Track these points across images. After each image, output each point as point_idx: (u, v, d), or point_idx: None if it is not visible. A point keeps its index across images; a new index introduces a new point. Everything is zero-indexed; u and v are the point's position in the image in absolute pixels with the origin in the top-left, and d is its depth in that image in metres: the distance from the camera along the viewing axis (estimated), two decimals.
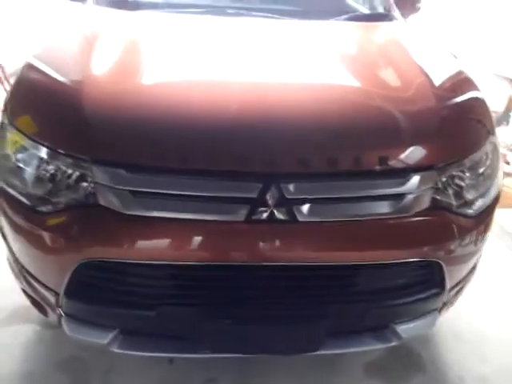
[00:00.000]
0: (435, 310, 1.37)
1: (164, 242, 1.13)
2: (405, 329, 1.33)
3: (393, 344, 1.36)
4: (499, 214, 2.63)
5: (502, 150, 3.22)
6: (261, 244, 1.14)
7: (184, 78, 1.40)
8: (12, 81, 3.63)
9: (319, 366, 1.66)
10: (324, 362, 1.68)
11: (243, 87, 1.35)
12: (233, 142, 1.16)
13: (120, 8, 1.87)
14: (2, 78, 3.83)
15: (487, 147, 1.35)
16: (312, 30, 1.87)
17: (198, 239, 1.13)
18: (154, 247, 1.14)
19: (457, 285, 1.39)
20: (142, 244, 1.13)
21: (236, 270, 1.17)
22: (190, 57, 1.53)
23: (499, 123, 4.24)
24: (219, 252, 1.14)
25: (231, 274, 1.18)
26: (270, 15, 1.87)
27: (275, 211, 1.13)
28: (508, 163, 3.14)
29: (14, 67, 4.48)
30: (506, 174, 2.97)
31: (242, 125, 1.18)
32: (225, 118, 1.20)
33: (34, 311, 1.73)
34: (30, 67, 1.39)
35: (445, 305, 1.41)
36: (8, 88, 3.84)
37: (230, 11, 1.88)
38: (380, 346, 1.38)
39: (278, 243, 1.15)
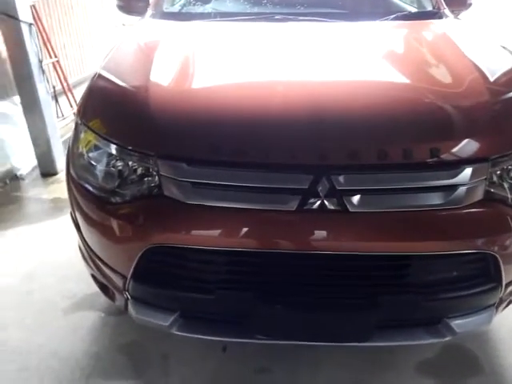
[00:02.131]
0: (492, 305, 1.34)
1: (221, 230, 1.21)
2: (459, 324, 1.31)
3: (446, 339, 1.34)
4: None
5: None
6: (311, 233, 1.19)
7: (236, 79, 1.49)
8: (75, 92, 3.92)
9: (371, 361, 1.67)
10: (376, 358, 1.68)
11: (294, 85, 1.42)
12: (285, 137, 1.23)
13: (175, 19, 2.01)
14: (66, 90, 4.17)
15: None
16: (361, 30, 1.91)
17: (251, 227, 1.19)
18: (211, 234, 1.22)
19: None
20: (200, 231, 1.22)
21: (288, 257, 1.22)
22: (242, 60, 1.62)
23: None
24: (271, 240, 1.20)
25: (283, 261, 1.23)
26: (317, 19, 1.93)
27: (326, 201, 1.17)
28: None
29: (75, 79, 4.87)
30: None
31: (294, 120, 1.24)
32: (275, 114, 1.27)
33: (100, 299, 1.90)
34: (99, 77, 1.54)
35: (502, 301, 1.38)
36: (72, 98, 4.18)
37: (278, 17, 1.96)
38: (433, 340, 1.36)
39: (328, 232, 1.19)
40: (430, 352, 1.71)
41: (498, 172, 1.25)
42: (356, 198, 1.17)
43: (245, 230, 1.19)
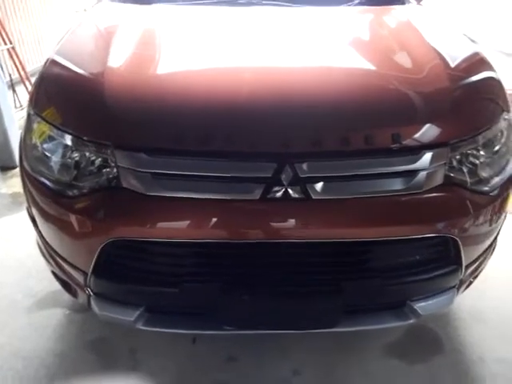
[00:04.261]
0: (453, 287, 1.38)
1: (183, 221, 1.18)
2: (423, 306, 1.35)
3: (411, 321, 1.37)
4: None
5: None
6: (276, 222, 1.18)
7: (198, 65, 1.45)
8: (33, 80, 3.77)
9: (339, 346, 1.69)
10: (343, 343, 1.71)
11: (256, 72, 1.39)
12: (247, 125, 1.20)
13: (134, 3, 1.93)
14: (24, 78, 3.97)
15: (501, 124, 1.36)
16: (324, 16, 1.89)
17: (215, 218, 1.17)
18: (174, 226, 1.19)
19: (474, 262, 1.39)
20: (162, 223, 1.18)
21: (253, 247, 1.21)
22: (204, 46, 1.57)
23: None
24: (236, 230, 1.18)
25: (248, 251, 1.22)
26: (281, 3, 1.90)
27: (289, 190, 1.16)
28: None
29: (33, 67, 4.65)
30: None
31: (256, 108, 1.22)
32: (238, 102, 1.24)
33: (64, 296, 1.84)
34: (52, 63, 1.46)
35: (463, 282, 1.42)
36: (29, 87, 3.99)
37: (241, 1, 1.91)
38: (399, 323, 1.39)
39: (292, 221, 1.18)
40: (395, 334, 1.75)
41: (458, 157, 1.28)
42: (319, 186, 1.17)
43: (208, 220, 1.17)
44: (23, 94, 3.94)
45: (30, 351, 1.66)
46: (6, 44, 3.83)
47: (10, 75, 3.71)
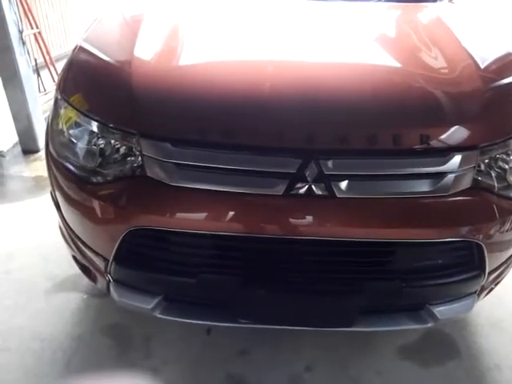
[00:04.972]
0: (474, 293, 1.36)
1: (205, 213, 1.18)
2: (442, 310, 1.33)
3: (429, 325, 1.35)
4: None
5: None
6: (298, 218, 1.17)
7: (226, 57, 1.44)
8: (58, 65, 3.79)
9: (353, 345, 1.69)
10: (358, 342, 1.70)
11: (283, 65, 1.37)
12: (273, 119, 1.19)
13: None
14: (49, 63, 4.02)
15: None
16: (355, 11, 1.86)
17: (237, 211, 1.16)
18: (195, 217, 1.19)
19: (497, 268, 1.37)
20: (184, 213, 1.19)
21: (273, 242, 1.20)
22: (232, 37, 1.56)
23: None
24: (257, 224, 1.17)
25: (268, 246, 1.21)
26: None
27: (313, 186, 1.15)
28: None
29: (58, 53, 4.70)
30: None
31: (282, 102, 1.21)
32: (265, 96, 1.23)
33: (82, 281, 1.87)
34: (81, 49, 1.47)
35: (484, 289, 1.40)
36: (54, 72, 4.04)
37: None
38: (415, 326, 1.37)
39: (315, 218, 1.17)
40: (411, 336, 1.73)
41: (486, 160, 1.24)
42: (343, 184, 1.15)
43: (230, 213, 1.17)
44: (48, 79, 3.99)
45: (48, 334, 1.70)
46: (32, 28, 3.88)
47: (35, 60, 3.76)
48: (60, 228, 1.53)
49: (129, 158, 1.22)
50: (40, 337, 1.69)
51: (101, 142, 1.26)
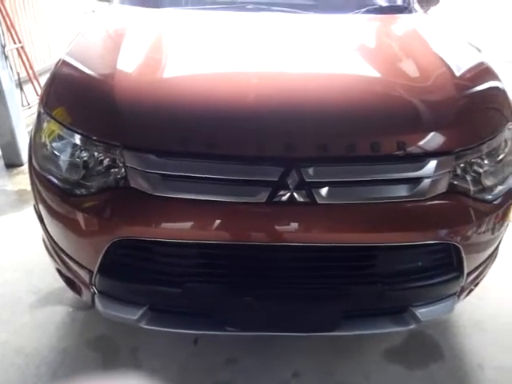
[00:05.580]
0: (454, 294, 1.39)
1: (190, 222, 1.20)
2: (423, 312, 1.36)
3: (411, 327, 1.38)
4: None
5: None
6: (281, 225, 1.19)
7: (207, 69, 1.47)
8: (41, 79, 3.78)
9: (339, 350, 1.70)
10: (344, 346, 1.72)
11: (263, 77, 1.41)
12: (254, 129, 1.22)
13: (144, 6, 1.96)
14: (32, 77, 4.00)
15: (506, 134, 1.37)
16: (332, 23, 1.91)
17: (221, 220, 1.18)
18: (180, 227, 1.21)
19: (475, 269, 1.41)
20: (168, 223, 1.20)
21: (257, 249, 1.22)
22: (213, 50, 1.60)
23: None
24: (241, 232, 1.20)
25: (252, 253, 1.23)
26: (289, 10, 1.92)
27: (295, 194, 1.18)
28: None
29: (41, 67, 4.68)
30: None
31: (263, 112, 1.24)
32: (246, 107, 1.26)
33: (67, 294, 1.85)
34: (64, 63, 1.48)
35: (463, 290, 1.43)
36: (37, 86, 4.02)
37: (249, 7, 1.94)
38: (399, 328, 1.41)
39: (297, 224, 1.19)
40: (395, 339, 1.76)
41: (462, 165, 1.29)
42: (324, 190, 1.18)
43: (214, 222, 1.18)
44: (31, 93, 3.97)
45: (33, 348, 1.68)
46: (15, 43, 3.87)
47: (18, 74, 3.74)
48: (44, 241, 1.53)
49: (112, 170, 1.24)
50: (24, 351, 1.66)
51: (84, 154, 1.27)
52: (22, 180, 2.88)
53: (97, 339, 1.72)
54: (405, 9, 2.10)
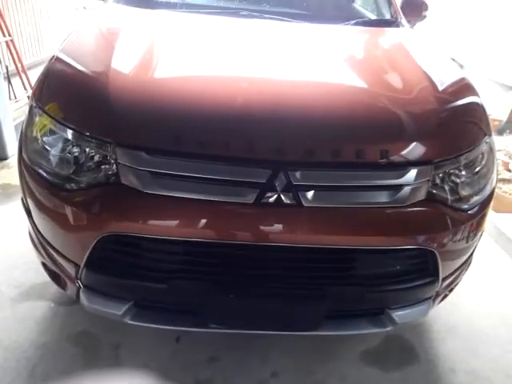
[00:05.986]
0: (429, 298, 1.45)
1: (177, 220, 1.22)
2: (400, 315, 1.41)
3: (388, 329, 1.43)
4: (498, 218, 2.72)
5: (504, 158, 3.29)
6: (267, 225, 1.23)
7: (200, 71, 1.50)
8: (30, 73, 3.75)
9: (318, 351, 1.75)
10: (323, 347, 1.76)
11: (254, 82, 1.45)
12: (244, 131, 1.26)
13: (139, 6, 1.99)
14: (20, 71, 3.97)
15: (483, 147, 1.44)
16: (322, 33, 1.98)
17: (209, 219, 1.22)
18: (168, 224, 1.23)
19: (450, 275, 1.47)
20: (157, 220, 1.23)
21: (243, 249, 1.25)
22: (205, 53, 1.63)
23: (503, 131, 4.31)
24: (228, 231, 1.23)
25: (238, 252, 1.26)
26: (281, 18, 1.97)
27: (282, 196, 1.22)
28: (510, 170, 3.21)
29: (30, 61, 4.64)
30: (507, 181, 3.04)
31: (253, 116, 1.28)
32: (237, 109, 1.30)
33: (50, 288, 1.85)
34: (58, 59, 1.49)
35: (438, 294, 1.50)
36: (26, 80, 3.98)
37: (243, 13, 1.99)
38: (376, 330, 1.45)
39: (283, 226, 1.23)
40: (373, 342, 1.81)
41: (441, 175, 1.35)
42: (310, 194, 1.22)
43: (202, 220, 1.21)
44: (19, 87, 3.93)
45: (12, 342, 1.67)
46: (4, 36, 3.83)
47: (6, 67, 3.70)
48: (30, 235, 1.53)
49: (103, 166, 1.26)
50: (3, 345, 1.66)
51: (75, 149, 1.29)
52: (6, 174, 2.85)
53: (78, 335, 1.72)
54: (392, 23, 2.18)
